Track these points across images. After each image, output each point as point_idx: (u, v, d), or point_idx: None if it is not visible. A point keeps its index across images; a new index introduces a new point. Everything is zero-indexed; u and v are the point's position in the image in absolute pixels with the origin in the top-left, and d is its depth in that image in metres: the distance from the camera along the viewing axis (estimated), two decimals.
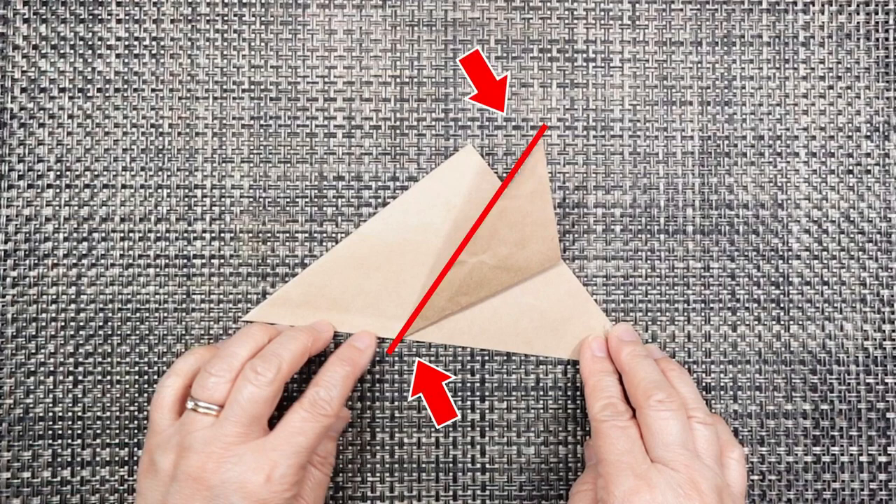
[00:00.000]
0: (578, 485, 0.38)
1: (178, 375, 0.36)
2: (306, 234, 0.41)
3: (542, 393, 0.41)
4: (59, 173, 0.41)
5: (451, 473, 0.41)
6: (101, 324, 0.41)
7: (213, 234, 0.41)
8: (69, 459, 0.40)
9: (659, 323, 0.42)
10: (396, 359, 0.41)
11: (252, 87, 0.42)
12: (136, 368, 0.41)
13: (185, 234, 0.41)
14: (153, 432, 0.35)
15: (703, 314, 0.42)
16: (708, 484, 0.33)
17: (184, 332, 0.41)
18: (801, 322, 0.42)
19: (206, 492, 0.33)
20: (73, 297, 0.41)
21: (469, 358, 0.41)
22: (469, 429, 0.41)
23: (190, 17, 0.42)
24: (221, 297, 0.41)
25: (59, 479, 0.40)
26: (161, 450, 0.34)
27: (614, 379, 0.38)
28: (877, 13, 0.43)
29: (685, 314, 0.42)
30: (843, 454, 0.41)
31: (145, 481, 0.34)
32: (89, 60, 0.42)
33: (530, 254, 0.40)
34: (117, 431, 0.41)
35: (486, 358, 0.41)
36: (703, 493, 0.33)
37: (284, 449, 0.34)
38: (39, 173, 0.41)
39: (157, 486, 0.34)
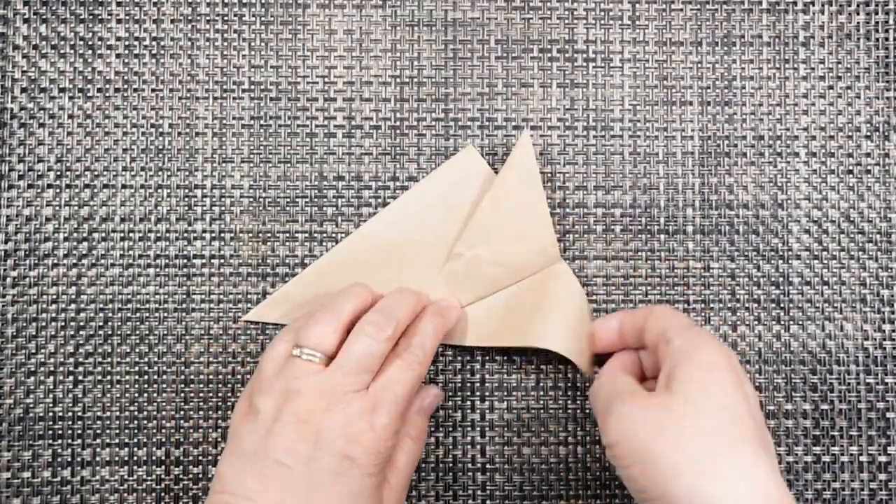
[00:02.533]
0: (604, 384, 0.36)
1: (294, 331, 0.36)
2: (306, 234, 0.41)
3: (542, 393, 0.41)
4: (59, 173, 0.41)
5: (451, 473, 0.41)
6: (101, 324, 0.41)
7: (213, 234, 0.41)
8: (69, 459, 0.40)
9: None
10: None
11: (252, 87, 0.42)
12: (136, 368, 0.41)
13: (185, 234, 0.41)
14: (256, 379, 0.35)
15: (703, 314, 0.42)
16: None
17: (184, 332, 0.41)
18: (801, 322, 0.42)
19: (312, 435, 0.33)
20: (73, 297, 0.41)
21: (469, 358, 0.41)
22: (469, 429, 0.41)
23: (190, 17, 0.42)
24: (221, 297, 0.41)
25: (59, 479, 0.40)
26: (263, 394, 0.34)
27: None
28: (877, 13, 0.43)
29: (685, 314, 0.42)
30: (843, 454, 0.41)
31: (243, 426, 0.34)
32: (89, 60, 0.42)
33: (528, 249, 0.40)
34: (117, 431, 0.41)
35: (487, 358, 0.41)
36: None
37: (386, 397, 0.34)
38: (39, 173, 0.41)
39: (256, 429, 0.33)
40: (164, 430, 0.41)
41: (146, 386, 0.41)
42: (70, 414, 0.41)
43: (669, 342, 0.34)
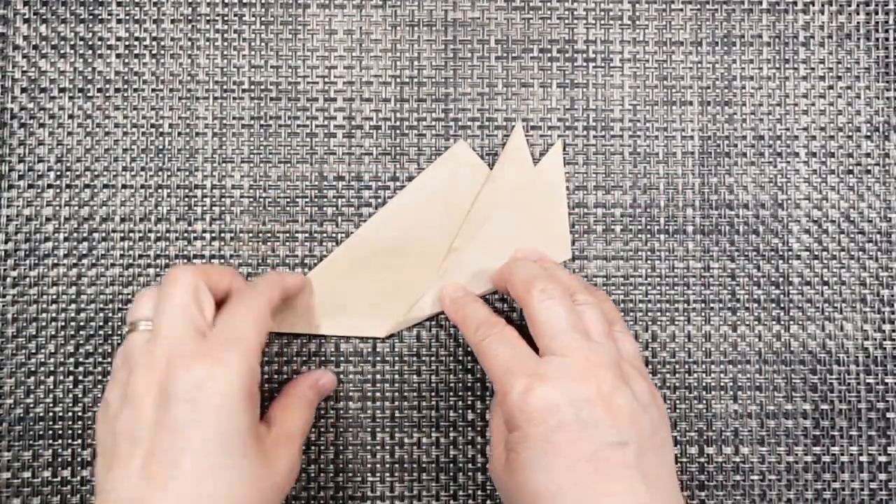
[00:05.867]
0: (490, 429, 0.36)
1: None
2: (306, 234, 0.41)
3: None
4: (59, 173, 0.41)
5: (451, 473, 0.41)
6: (101, 324, 0.41)
7: (214, 234, 0.41)
8: (69, 459, 0.40)
9: (659, 323, 0.42)
10: (397, 358, 0.41)
11: (252, 87, 0.42)
12: None
13: (186, 234, 0.41)
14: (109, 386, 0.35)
15: (703, 314, 0.42)
16: (603, 360, 0.32)
17: None
18: (801, 322, 0.42)
19: (157, 397, 0.31)
20: (73, 297, 0.41)
21: (469, 358, 0.41)
22: (469, 429, 0.41)
23: (190, 17, 0.42)
24: None
25: (59, 479, 0.40)
26: (110, 387, 0.33)
27: (481, 303, 0.38)
28: (877, 13, 0.43)
29: (685, 314, 0.42)
30: (843, 454, 0.41)
31: (100, 426, 0.33)
32: (89, 60, 0.42)
33: (528, 240, 0.41)
34: None
35: None
36: (599, 372, 0.32)
37: (224, 333, 0.33)
38: (40, 173, 0.41)
39: (106, 420, 0.33)
40: None
41: None
42: (70, 414, 0.41)
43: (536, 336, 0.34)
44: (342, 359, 0.41)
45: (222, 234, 0.41)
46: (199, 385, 0.31)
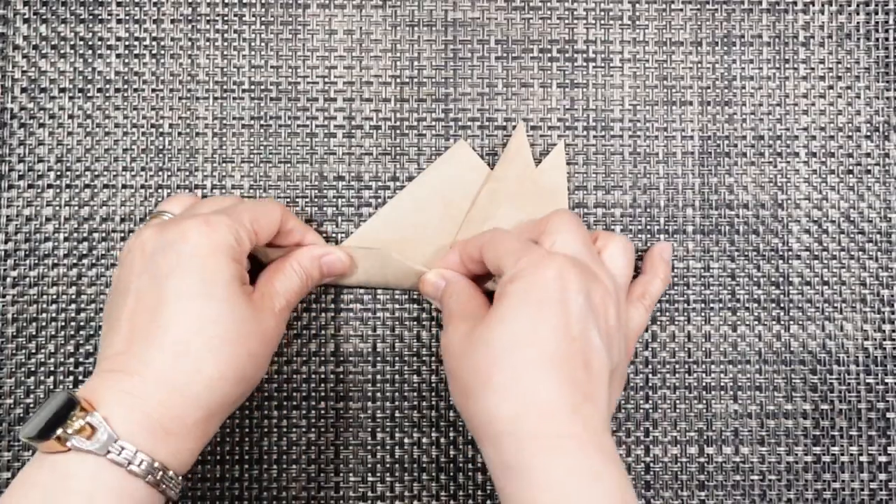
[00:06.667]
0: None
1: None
2: None
3: None
4: (59, 173, 0.41)
5: (451, 473, 0.41)
6: (101, 324, 0.41)
7: None
8: None
9: (659, 323, 0.42)
10: (397, 358, 0.41)
11: (252, 87, 0.42)
12: None
13: None
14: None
15: (703, 314, 0.42)
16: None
17: None
18: (801, 322, 0.42)
19: (149, 259, 0.32)
20: (73, 297, 0.41)
21: None
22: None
23: (190, 18, 0.42)
24: None
25: None
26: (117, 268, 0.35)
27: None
28: (877, 13, 0.43)
29: (685, 314, 0.42)
30: (843, 454, 0.41)
31: (106, 307, 0.35)
32: (89, 60, 0.42)
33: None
34: None
35: None
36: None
37: (220, 213, 0.34)
38: (40, 173, 0.41)
39: (109, 292, 0.34)
40: None
41: None
42: None
43: (503, 274, 0.34)
44: (342, 359, 0.41)
45: None
46: (183, 236, 0.32)
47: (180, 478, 0.31)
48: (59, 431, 0.29)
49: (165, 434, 0.30)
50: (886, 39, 0.43)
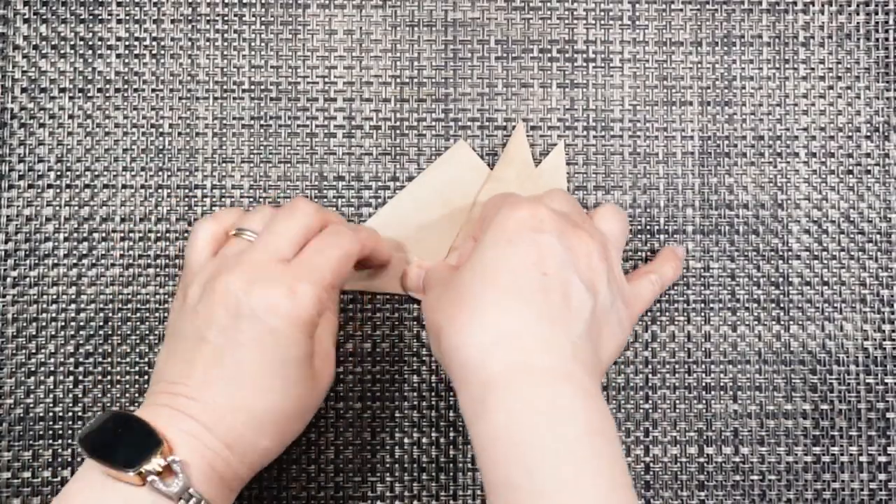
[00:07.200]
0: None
1: (216, 220, 0.36)
2: None
3: None
4: (59, 173, 0.41)
5: (451, 473, 0.41)
6: (101, 324, 0.41)
7: None
8: (69, 459, 0.40)
9: (659, 323, 0.42)
10: (397, 358, 0.41)
11: (252, 87, 0.42)
12: (136, 368, 0.41)
13: (186, 234, 0.41)
14: (186, 272, 0.35)
15: (703, 314, 0.42)
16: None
17: None
18: (801, 322, 0.42)
19: (233, 308, 0.32)
20: (73, 297, 0.41)
21: None
22: None
23: (190, 18, 0.42)
24: None
25: (59, 479, 0.40)
26: (192, 281, 0.34)
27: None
28: (877, 13, 0.43)
29: (685, 314, 0.42)
30: (842, 454, 0.41)
31: (175, 317, 0.34)
32: (90, 60, 0.42)
33: None
34: None
35: None
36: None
37: (308, 266, 0.34)
38: (40, 173, 0.41)
39: (185, 313, 0.33)
40: None
41: (146, 386, 0.41)
42: (70, 414, 0.41)
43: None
44: (342, 359, 0.41)
45: None
46: (269, 308, 0.32)
47: None
48: (143, 467, 0.29)
49: (223, 485, 0.32)
50: (886, 39, 0.43)
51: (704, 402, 0.42)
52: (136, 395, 0.41)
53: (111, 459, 0.30)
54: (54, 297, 0.41)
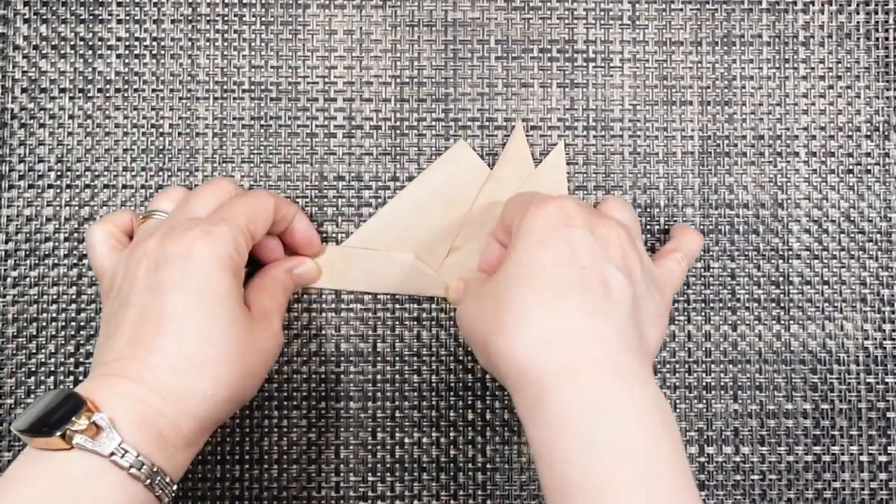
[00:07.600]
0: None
1: (105, 221, 0.37)
2: None
3: None
4: (59, 173, 0.41)
5: (451, 473, 0.41)
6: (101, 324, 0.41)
7: None
8: None
9: None
10: (397, 358, 0.41)
11: (252, 87, 0.42)
12: None
13: None
14: (100, 277, 0.36)
15: (703, 314, 0.42)
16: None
17: None
18: (801, 322, 0.42)
19: (152, 263, 0.32)
20: (73, 297, 0.41)
21: (470, 358, 0.41)
22: (469, 428, 0.41)
23: (190, 18, 0.42)
24: None
25: None
26: (113, 274, 0.35)
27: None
28: (877, 13, 0.43)
29: (685, 314, 0.42)
30: (843, 454, 0.41)
31: (103, 312, 0.35)
32: (90, 61, 0.42)
33: None
34: None
35: None
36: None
37: (221, 216, 0.34)
38: (40, 173, 0.41)
39: (109, 300, 0.34)
40: None
41: None
42: None
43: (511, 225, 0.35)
44: (342, 359, 0.41)
45: None
46: (186, 251, 0.32)
47: (174, 486, 0.31)
48: (66, 429, 0.29)
49: (163, 440, 0.30)
50: (886, 39, 0.43)
51: (705, 401, 0.42)
52: None
53: (34, 430, 0.29)
54: (54, 297, 0.41)
